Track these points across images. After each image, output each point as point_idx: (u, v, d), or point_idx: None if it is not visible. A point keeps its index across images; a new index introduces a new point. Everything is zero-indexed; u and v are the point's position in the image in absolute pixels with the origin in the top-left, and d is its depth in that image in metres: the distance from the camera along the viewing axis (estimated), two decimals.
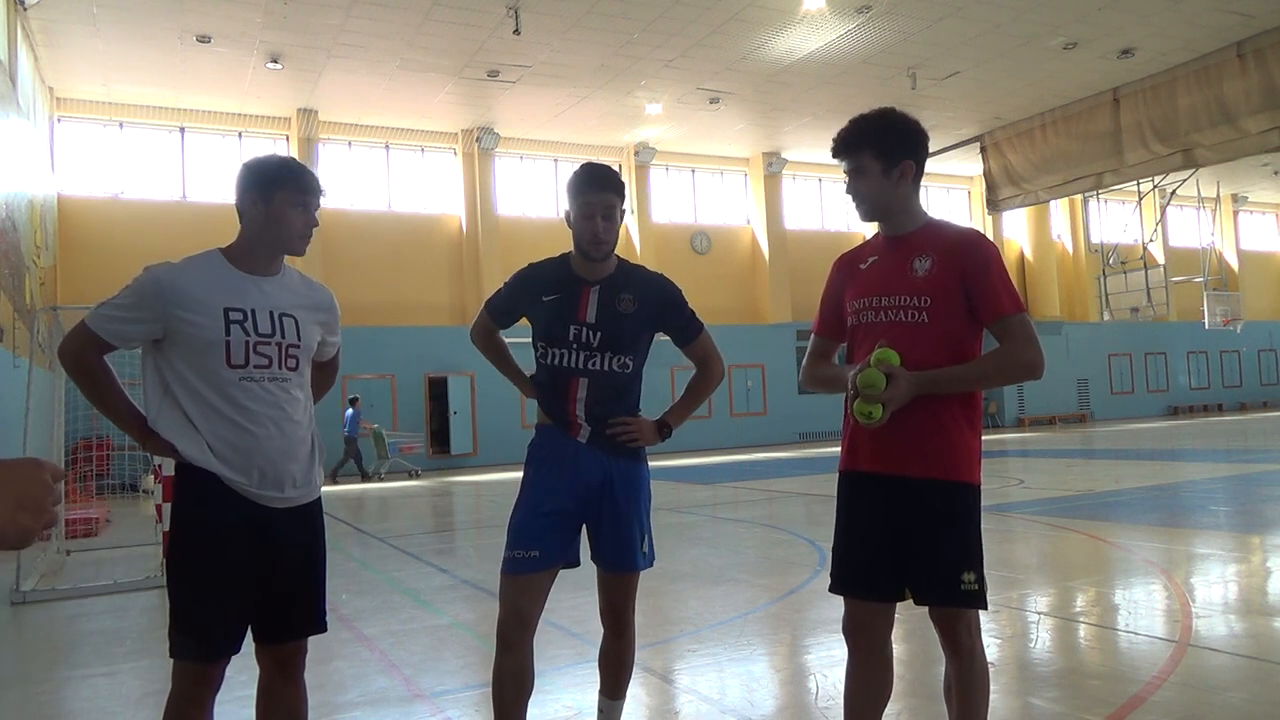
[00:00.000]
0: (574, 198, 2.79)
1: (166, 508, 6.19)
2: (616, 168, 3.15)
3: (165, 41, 16.02)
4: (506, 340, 3.16)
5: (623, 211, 2.86)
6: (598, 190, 2.75)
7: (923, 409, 2.40)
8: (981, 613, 2.52)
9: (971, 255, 2.45)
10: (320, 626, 2.53)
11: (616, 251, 2.91)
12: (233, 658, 2.39)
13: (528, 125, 21.81)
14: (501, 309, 3.01)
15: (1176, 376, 32.83)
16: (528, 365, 3.06)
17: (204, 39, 15.97)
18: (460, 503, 14.07)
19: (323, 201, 2.55)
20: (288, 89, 18.74)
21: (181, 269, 2.41)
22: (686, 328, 2.97)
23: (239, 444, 2.36)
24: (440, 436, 21.62)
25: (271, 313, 2.44)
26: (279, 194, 2.43)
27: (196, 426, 2.35)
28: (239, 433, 2.36)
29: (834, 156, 2.59)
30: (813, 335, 2.75)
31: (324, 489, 2.66)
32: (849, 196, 2.58)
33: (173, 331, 2.34)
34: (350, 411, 18.51)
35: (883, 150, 2.50)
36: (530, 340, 2.93)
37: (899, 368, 2.36)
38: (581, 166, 2.85)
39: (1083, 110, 20.57)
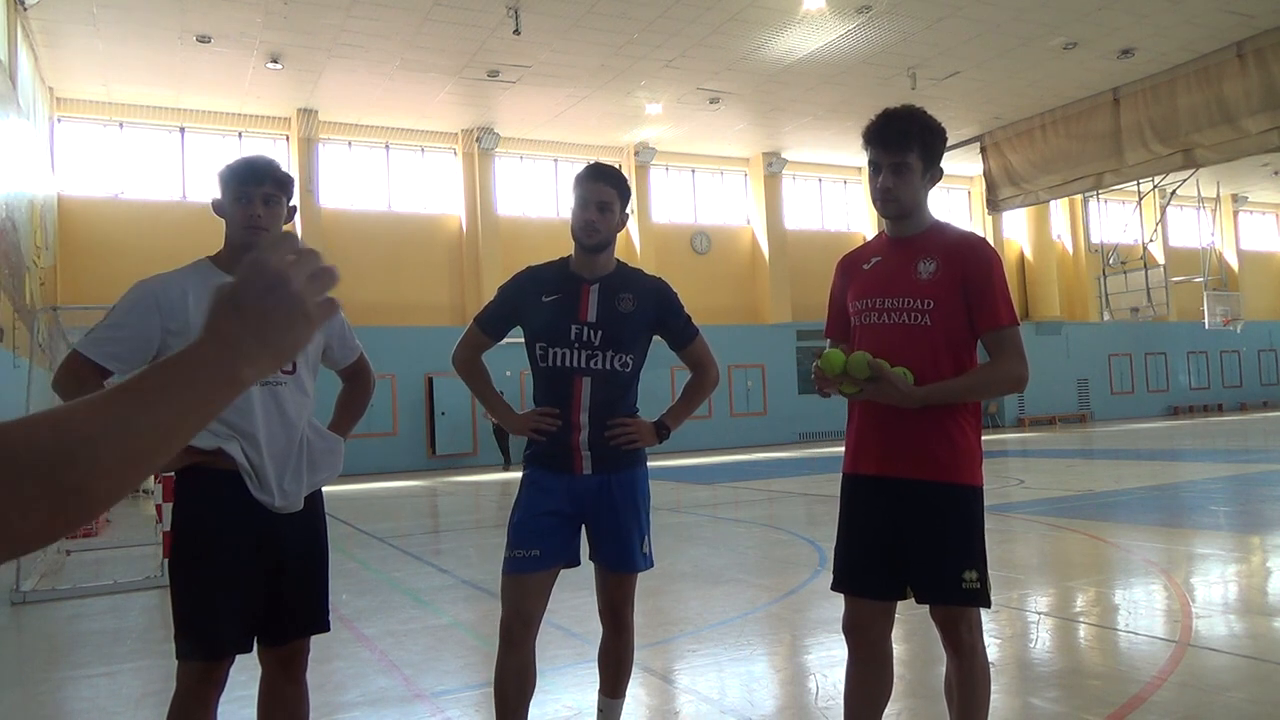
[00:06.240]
0: (573, 191, 2.88)
1: (167, 508, 6.19)
2: (616, 167, 3.20)
3: (165, 41, 16.01)
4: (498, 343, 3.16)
5: (624, 211, 2.89)
6: (593, 180, 2.85)
7: (924, 413, 2.41)
8: (982, 612, 2.52)
9: (975, 261, 2.45)
10: (323, 625, 2.54)
11: (617, 254, 2.96)
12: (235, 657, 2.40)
13: (528, 125, 21.80)
14: (495, 317, 2.98)
15: (1176, 376, 32.81)
16: (524, 366, 3.06)
17: (204, 39, 15.96)
18: (460, 503, 14.07)
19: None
20: (288, 89, 18.72)
21: (172, 281, 2.41)
22: (683, 331, 3.01)
23: (234, 450, 2.37)
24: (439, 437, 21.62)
25: None
26: (227, 190, 2.48)
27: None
28: (235, 438, 2.38)
29: (879, 148, 2.46)
30: (826, 339, 2.78)
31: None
32: (879, 190, 2.47)
33: (166, 349, 2.34)
34: None
35: (926, 152, 2.46)
36: (524, 340, 2.93)
37: (894, 373, 2.37)
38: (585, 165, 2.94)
39: (1083, 110, 20.56)
